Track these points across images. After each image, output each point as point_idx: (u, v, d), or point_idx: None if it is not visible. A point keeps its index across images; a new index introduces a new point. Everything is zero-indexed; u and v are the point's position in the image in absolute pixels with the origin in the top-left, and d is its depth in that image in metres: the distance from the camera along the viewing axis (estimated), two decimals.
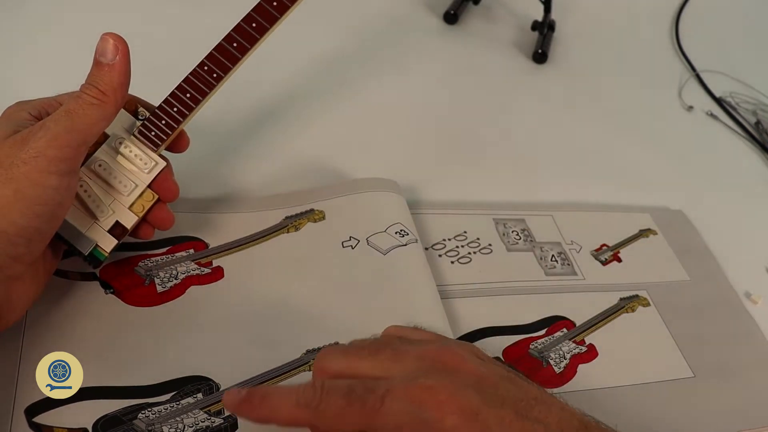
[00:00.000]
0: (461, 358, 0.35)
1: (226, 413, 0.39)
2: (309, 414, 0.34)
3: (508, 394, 0.34)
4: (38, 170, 0.35)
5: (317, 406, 0.33)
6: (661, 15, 0.89)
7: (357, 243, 0.49)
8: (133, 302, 0.43)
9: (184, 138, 0.45)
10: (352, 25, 0.73)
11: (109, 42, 0.37)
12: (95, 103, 0.37)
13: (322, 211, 0.51)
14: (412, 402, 0.33)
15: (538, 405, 0.34)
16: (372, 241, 0.50)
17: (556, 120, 0.71)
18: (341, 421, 0.33)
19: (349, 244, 0.49)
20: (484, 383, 0.34)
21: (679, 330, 0.53)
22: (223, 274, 0.46)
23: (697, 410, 0.48)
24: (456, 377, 0.34)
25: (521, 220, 0.57)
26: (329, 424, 0.34)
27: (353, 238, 0.50)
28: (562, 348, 0.49)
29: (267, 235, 0.49)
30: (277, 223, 0.50)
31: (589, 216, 0.61)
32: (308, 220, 0.51)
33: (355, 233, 0.50)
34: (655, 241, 0.60)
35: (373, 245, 0.49)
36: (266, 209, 0.51)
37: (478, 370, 0.35)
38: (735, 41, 0.89)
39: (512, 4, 0.82)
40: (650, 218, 0.62)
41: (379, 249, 0.49)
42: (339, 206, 0.52)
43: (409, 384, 0.33)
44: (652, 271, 0.57)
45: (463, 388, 0.33)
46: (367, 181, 0.54)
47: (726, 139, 0.75)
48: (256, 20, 0.42)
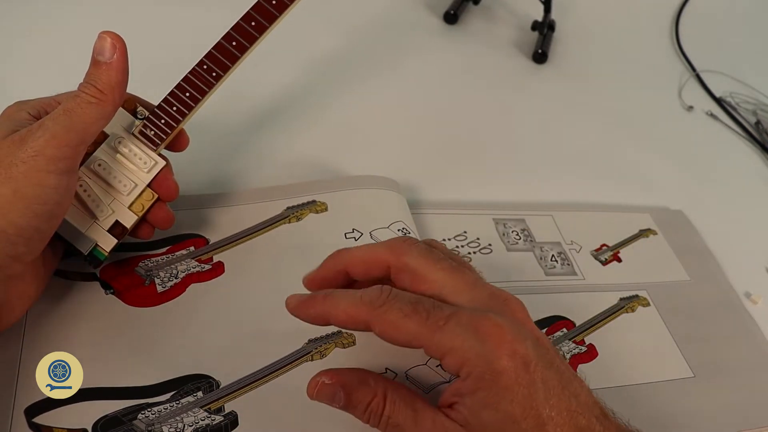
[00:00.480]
0: (526, 314, 0.36)
1: (226, 410, 0.39)
2: (369, 312, 0.34)
3: (555, 361, 0.35)
4: (37, 169, 0.35)
5: (380, 306, 0.33)
6: (661, 15, 0.89)
7: (360, 235, 0.49)
8: (134, 302, 0.43)
9: (184, 137, 0.45)
10: (352, 25, 0.73)
11: (106, 40, 0.37)
12: (93, 102, 0.37)
13: (324, 203, 0.51)
14: (476, 332, 0.33)
15: (576, 381, 0.35)
16: (375, 235, 0.49)
17: (556, 120, 0.70)
18: (399, 327, 0.33)
19: (352, 235, 0.49)
20: (540, 343, 0.35)
21: (679, 330, 0.53)
22: (223, 270, 0.46)
23: (697, 410, 0.48)
24: (521, 328, 0.34)
25: (521, 220, 0.57)
26: (386, 327, 0.33)
27: (356, 230, 0.49)
28: (562, 348, 0.49)
29: (268, 226, 0.49)
30: (278, 214, 0.50)
31: (589, 216, 0.61)
32: (310, 210, 0.50)
33: (358, 226, 0.50)
34: (655, 241, 0.60)
35: (376, 239, 0.49)
36: (267, 200, 0.51)
37: (536, 331, 0.36)
38: (735, 41, 0.89)
39: (512, 4, 0.82)
40: (650, 218, 0.62)
41: None
42: (341, 199, 0.51)
43: (478, 315, 0.33)
44: (652, 271, 0.57)
45: (525, 339, 0.34)
46: (369, 178, 0.54)
47: (726, 139, 0.75)
48: (256, 19, 0.42)
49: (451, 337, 0.33)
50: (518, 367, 0.33)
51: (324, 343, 0.43)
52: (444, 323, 0.33)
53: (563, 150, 0.67)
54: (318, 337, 0.43)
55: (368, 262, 0.37)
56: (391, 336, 0.34)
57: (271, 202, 0.51)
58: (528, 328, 0.35)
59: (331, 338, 0.43)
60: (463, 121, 0.67)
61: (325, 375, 0.35)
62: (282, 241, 0.48)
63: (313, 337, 0.43)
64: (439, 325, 0.33)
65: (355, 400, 0.35)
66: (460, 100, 0.70)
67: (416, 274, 0.36)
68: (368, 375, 0.36)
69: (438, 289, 0.35)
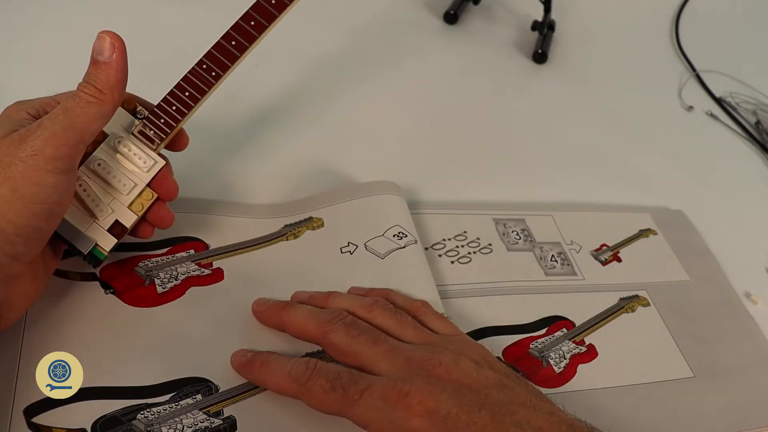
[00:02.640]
0: (447, 367, 0.38)
1: (225, 414, 0.39)
2: (296, 388, 0.38)
3: (489, 399, 0.37)
4: (36, 169, 0.35)
5: (305, 383, 0.38)
6: (661, 15, 0.89)
7: (355, 248, 0.49)
8: (133, 303, 0.43)
9: (183, 136, 0.45)
10: (352, 25, 0.73)
11: (106, 40, 0.37)
12: (93, 102, 0.37)
13: (320, 219, 0.51)
14: (386, 401, 0.36)
15: (524, 410, 0.37)
16: (370, 245, 0.49)
17: (555, 120, 0.70)
18: (323, 402, 0.37)
19: (348, 249, 0.49)
20: (464, 389, 0.37)
21: (679, 330, 0.53)
22: (223, 276, 0.46)
23: (697, 410, 0.48)
24: (435, 383, 0.37)
25: (521, 220, 0.57)
26: (312, 402, 0.38)
27: (351, 243, 0.50)
28: (562, 348, 0.49)
29: (266, 241, 0.49)
30: (275, 231, 0.50)
31: (589, 216, 0.61)
32: (307, 228, 0.51)
33: (353, 239, 0.50)
34: (655, 241, 0.60)
35: (371, 250, 0.49)
36: (265, 217, 0.51)
37: (464, 378, 0.38)
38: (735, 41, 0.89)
39: (512, 4, 0.82)
40: (650, 218, 0.62)
41: (378, 253, 0.49)
42: (337, 213, 0.52)
43: (388, 384, 0.37)
44: (652, 271, 0.57)
45: (438, 394, 0.36)
46: (367, 185, 0.54)
47: (726, 139, 0.75)
48: (255, 18, 0.42)
49: (365, 411, 0.36)
50: (432, 424, 0.35)
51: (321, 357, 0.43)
52: (358, 397, 0.37)
53: (563, 150, 0.67)
54: (315, 351, 0.43)
55: (301, 332, 0.42)
56: (318, 409, 0.38)
57: (269, 219, 0.51)
58: (445, 381, 0.37)
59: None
60: (463, 121, 0.67)
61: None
62: (280, 258, 0.48)
63: (309, 351, 0.43)
64: (354, 399, 0.37)
65: None
66: (459, 100, 0.70)
67: (339, 348, 0.40)
68: None
69: (360, 360, 0.39)
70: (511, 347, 0.48)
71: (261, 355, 0.41)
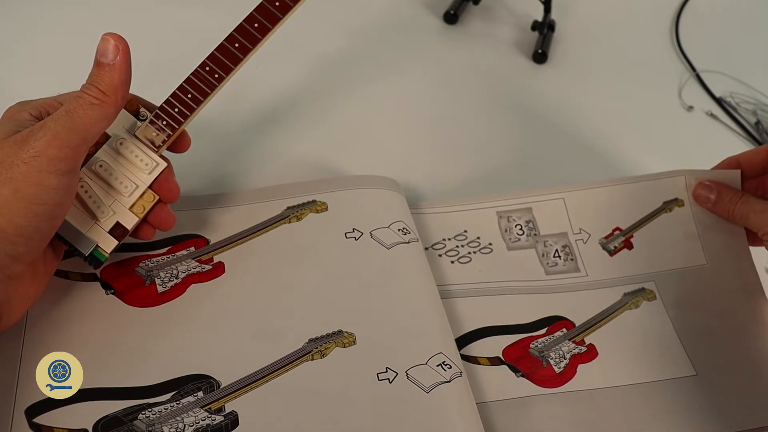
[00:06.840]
0: None
1: (226, 410, 0.39)
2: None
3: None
4: (38, 170, 0.35)
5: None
6: (661, 15, 0.89)
7: (360, 235, 0.49)
8: (134, 303, 0.43)
9: (186, 138, 0.45)
10: (352, 25, 0.73)
11: (109, 42, 0.38)
12: (95, 103, 0.37)
13: (324, 203, 0.51)
14: None
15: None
16: (376, 235, 0.49)
17: (555, 120, 0.70)
18: None
19: (353, 235, 0.49)
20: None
21: (684, 324, 0.51)
22: (224, 270, 0.46)
23: (697, 409, 0.47)
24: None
25: (527, 209, 0.55)
26: None
27: (356, 230, 0.49)
28: (562, 348, 0.49)
29: (268, 226, 0.49)
30: (278, 214, 0.50)
31: (608, 191, 0.56)
32: (310, 210, 0.50)
33: (358, 226, 0.50)
34: (678, 216, 0.55)
35: (377, 239, 0.49)
36: (267, 200, 0.51)
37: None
38: (735, 41, 0.89)
39: (512, 4, 0.82)
40: (684, 182, 0.56)
41: (383, 243, 0.49)
42: (342, 199, 0.51)
43: None
44: (664, 258, 0.54)
45: None
46: (370, 178, 0.54)
47: (726, 139, 0.75)
48: (258, 20, 0.42)
49: None
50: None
51: (324, 343, 0.43)
52: None
53: (563, 150, 0.67)
54: (318, 336, 0.43)
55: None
56: None
57: (271, 201, 0.51)
58: None
59: (331, 338, 0.43)
60: (463, 121, 0.67)
61: None
62: (282, 241, 0.48)
63: (313, 337, 0.43)
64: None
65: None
66: (460, 100, 0.70)
67: None
68: None
69: None
70: (511, 347, 0.48)
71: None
